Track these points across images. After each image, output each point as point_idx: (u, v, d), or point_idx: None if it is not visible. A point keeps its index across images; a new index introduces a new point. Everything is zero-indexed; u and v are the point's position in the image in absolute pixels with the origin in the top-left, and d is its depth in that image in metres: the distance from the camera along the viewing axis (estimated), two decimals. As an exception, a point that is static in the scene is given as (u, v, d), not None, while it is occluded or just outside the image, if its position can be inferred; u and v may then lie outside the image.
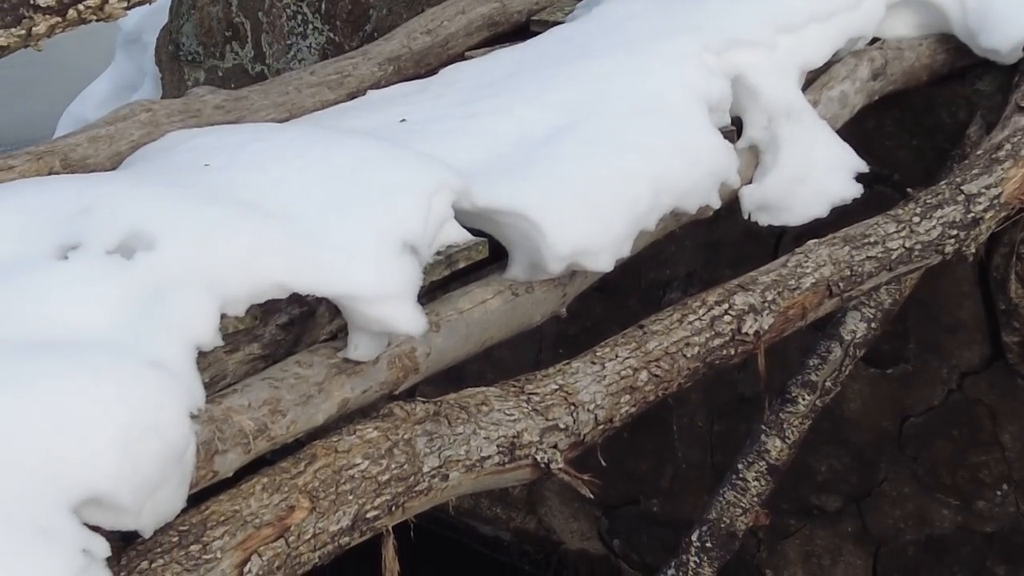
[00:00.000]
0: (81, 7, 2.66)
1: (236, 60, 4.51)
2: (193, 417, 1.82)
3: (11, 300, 1.89)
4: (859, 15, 3.21)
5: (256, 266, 2.10)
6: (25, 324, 1.87)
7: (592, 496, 2.59)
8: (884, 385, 3.69)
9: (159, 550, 1.80)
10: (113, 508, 1.67)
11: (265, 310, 2.14)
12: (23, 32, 2.52)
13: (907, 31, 3.32)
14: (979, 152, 3.16)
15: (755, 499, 3.00)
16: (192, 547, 1.83)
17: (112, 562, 1.70)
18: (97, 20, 2.76)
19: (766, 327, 2.66)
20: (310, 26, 4.34)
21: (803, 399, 3.05)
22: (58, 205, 2.19)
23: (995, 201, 3.03)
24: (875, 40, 3.37)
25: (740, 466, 3.03)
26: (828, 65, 3.24)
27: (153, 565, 1.76)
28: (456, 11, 3.40)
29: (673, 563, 2.99)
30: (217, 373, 2.07)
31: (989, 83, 3.38)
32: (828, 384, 3.10)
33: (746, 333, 2.61)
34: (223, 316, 2.02)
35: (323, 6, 4.37)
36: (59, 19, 2.65)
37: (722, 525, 2.99)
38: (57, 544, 1.56)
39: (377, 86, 3.19)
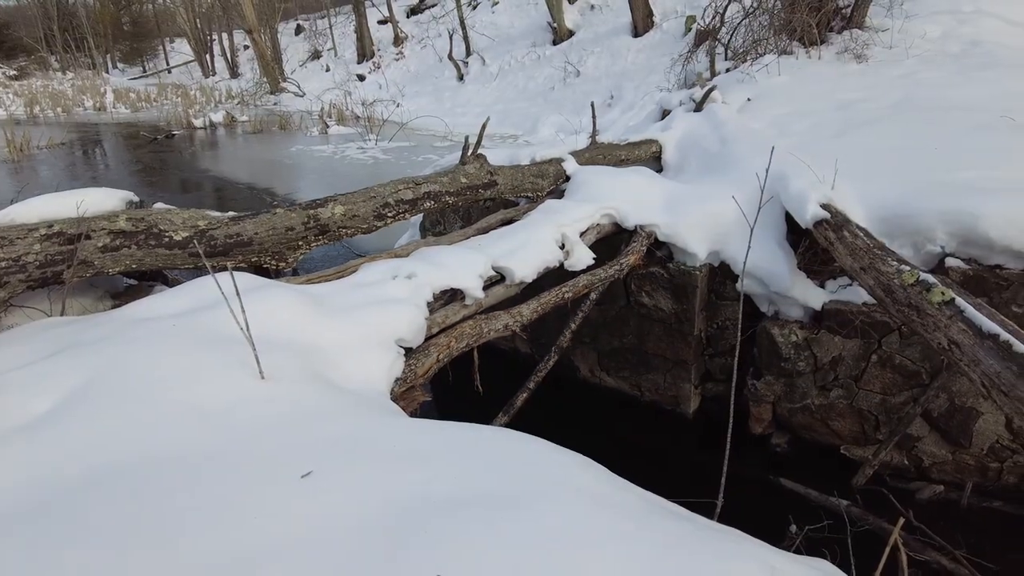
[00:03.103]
0: (390, 218, 2.62)
1: (440, 231, 4.28)
2: (425, 318, 2.15)
3: (375, 292, 2.18)
4: (594, 219, 3.19)
5: (444, 281, 2.40)
6: (379, 295, 2.16)
7: (525, 339, 3.19)
8: (596, 313, 3.58)
9: (419, 354, 2.05)
10: (408, 342, 2.00)
11: (444, 292, 2.39)
12: (381, 224, 2.61)
13: (605, 221, 3.26)
14: (627, 250, 3.17)
15: (561, 349, 2.88)
16: (426, 352, 2.05)
17: (408, 355, 1.99)
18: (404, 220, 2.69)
19: (569, 296, 2.79)
20: (458, 220, 4.19)
21: (574, 323, 2.96)
22: (393, 266, 2.41)
23: (626, 264, 3.11)
24: (598, 223, 3.21)
25: (560, 340, 2.91)
26: (586, 229, 3.12)
27: (416, 356, 2.04)
28: (496, 216, 3.27)
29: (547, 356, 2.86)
30: (431, 309, 2.28)
31: (624, 237, 3.27)
32: (579, 319, 2.97)
33: (566, 298, 2.78)
34: (432, 294, 2.31)
35: (461, 214, 4.16)
36: (395, 218, 2.63)
37: (557, 349, 2.86)
38: (392, 350, 1.93)
39: (470, 236, 3.01)
